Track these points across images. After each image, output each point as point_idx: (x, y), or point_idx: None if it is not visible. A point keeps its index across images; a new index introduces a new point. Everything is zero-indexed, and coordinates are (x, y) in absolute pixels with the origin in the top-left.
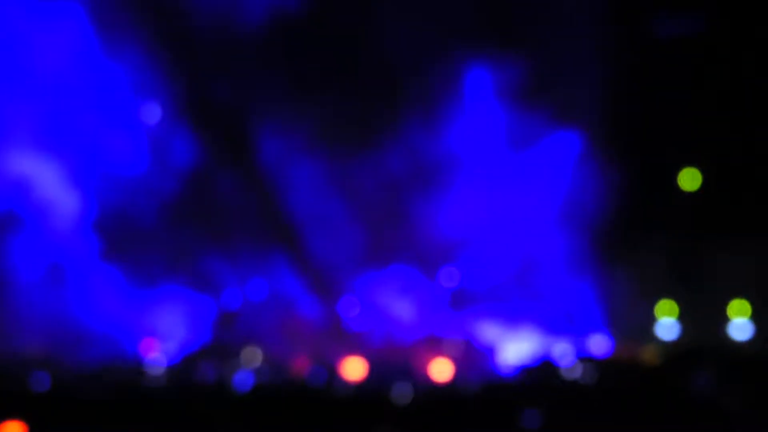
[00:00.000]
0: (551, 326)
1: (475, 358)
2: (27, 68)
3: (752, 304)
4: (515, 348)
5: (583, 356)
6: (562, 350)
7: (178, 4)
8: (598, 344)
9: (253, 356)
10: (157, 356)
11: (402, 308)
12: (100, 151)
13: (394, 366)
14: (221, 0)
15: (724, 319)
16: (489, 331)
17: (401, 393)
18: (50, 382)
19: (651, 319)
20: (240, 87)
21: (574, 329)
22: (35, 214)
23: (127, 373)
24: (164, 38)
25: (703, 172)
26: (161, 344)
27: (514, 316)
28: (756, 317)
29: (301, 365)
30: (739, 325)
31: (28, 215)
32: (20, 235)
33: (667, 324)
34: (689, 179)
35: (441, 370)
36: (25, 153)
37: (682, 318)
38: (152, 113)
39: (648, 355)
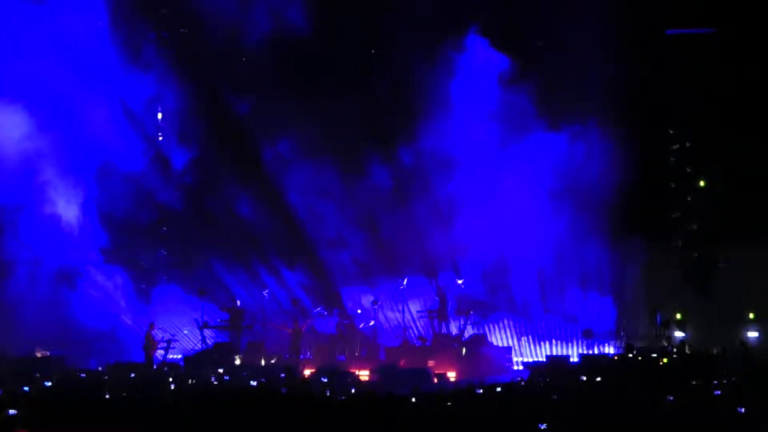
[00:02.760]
0: (562, 330)
1: (485, 361)
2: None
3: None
4: (526, 350)
5: (595, 360)
6: (572, 353)
7: (190, 13)
8: (611, 348)
9: (258, 359)
10: (162, 357)
11: (411, 314)
12: (107, 153)
13: (404, 370)
14: (231, 11)
15: (738, 326)
16: (499, 335)
17: (411, 395)
18: (54, 383)
19: (664, 325)
20: (247, 95)
21: (587, 333)
22: (41, 214)
23: (132, 374)
24: (175, 46)
25: (718, 178)
26: (166, 346)
27: (525, 320)
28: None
29: (308, 369)
30: (753, 331)
31: (34, 215)
32: (26, 237)
33: (680, 330)
34: (704, 185)
35: (451, 372)
36: (34, 152)
37: (695, 324)
38: (162, 118)
39: (660, 359)
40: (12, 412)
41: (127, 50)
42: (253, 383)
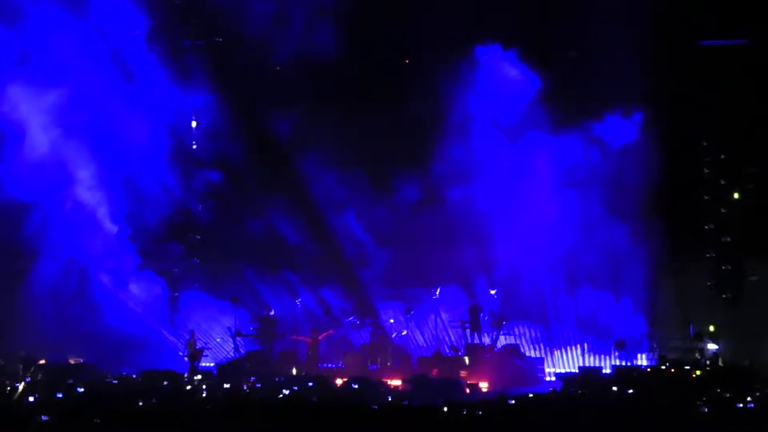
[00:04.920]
0: (594, 341)
1: (517, 372)
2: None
3: None
4: (557, 361)
5: (628, 371)
6: (604, 364)
7: (224, 25)
8: (644, 360)
9: (290, 368)
10: (196, 364)
11: (444, 324)
12: (140, 159)
13: (436, 380)
14: (263, 26)
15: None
16: (530, 345)
17: (443, 405)
18: (88, 389)
19: (697, 337)
20: (281, 108)
21: (619, 345)
22: (75, 218)
23: (165, 381)
24: (210, 55)
25: (751, 191)
26: (200, 353)
27: (556, 331)
28: None
29: (340, 378)
30: None
31: (67, 219)
32: (59, 245)
33: (713, 342)
34: (738, 197)
35: (483, 383)
36: (71, 160)
37: (727, 336)
38: (196, 127)
39: (693, 371)
40: (44, 418)
41: (165, 58)
42: (286, 392)
